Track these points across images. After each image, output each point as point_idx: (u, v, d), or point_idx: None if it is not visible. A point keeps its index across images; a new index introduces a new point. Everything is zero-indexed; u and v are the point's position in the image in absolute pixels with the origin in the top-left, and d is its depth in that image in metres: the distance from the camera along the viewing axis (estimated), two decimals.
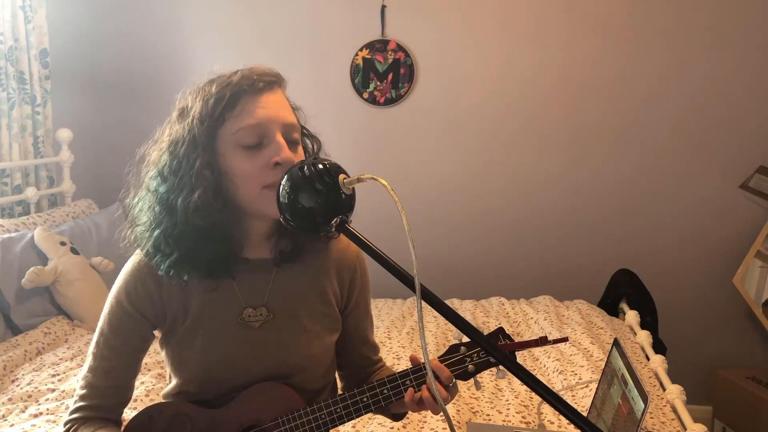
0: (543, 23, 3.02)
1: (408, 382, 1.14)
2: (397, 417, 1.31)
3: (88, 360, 1.16)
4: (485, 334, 1.18)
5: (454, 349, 1.17)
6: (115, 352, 1.14)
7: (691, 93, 2.97)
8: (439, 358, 1.16)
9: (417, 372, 1.14)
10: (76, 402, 1.16)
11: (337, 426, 1.15)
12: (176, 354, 1.17)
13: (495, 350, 0.85)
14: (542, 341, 1.15)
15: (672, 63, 2.96)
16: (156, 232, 1.08)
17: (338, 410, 1.14)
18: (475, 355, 1.15)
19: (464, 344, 1.16)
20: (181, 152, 1.07)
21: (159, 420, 1.14)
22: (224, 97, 1.06)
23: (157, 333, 1.19)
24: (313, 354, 1.19)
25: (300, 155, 1.11)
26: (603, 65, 3.01)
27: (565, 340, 1.18)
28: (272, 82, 1.10)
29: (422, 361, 1.15)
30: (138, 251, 1.15)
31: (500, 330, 1.18)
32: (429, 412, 1.82)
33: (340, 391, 1.31)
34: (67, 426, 1.15)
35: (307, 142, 1.18)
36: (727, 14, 2.89)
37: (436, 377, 1.10)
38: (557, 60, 3.03)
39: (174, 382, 1.19)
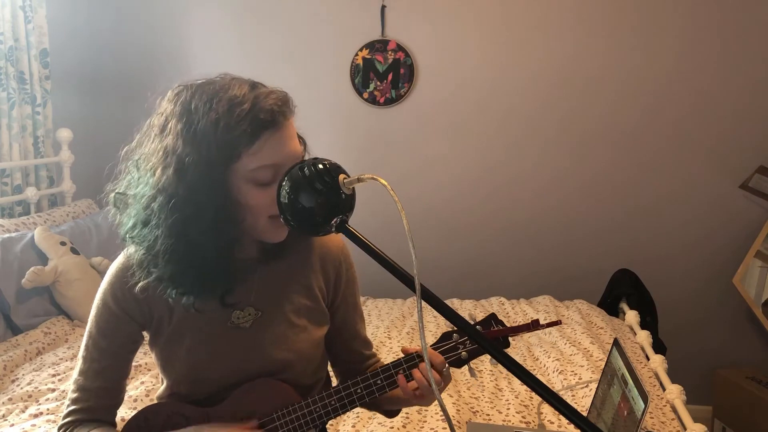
0: (545, 23, 3.02)
1: (401, 371, 1.15)
2: (390, 413, 1.32)
3: (79, 364, 1.16)
4: (478, 320, 1.18)
5: (446, 336, 1.17)
6: (104, 354, 1.14)
7: (691, 93, 2.97)
8: (432, 345, 1.17)
9: (410, 361, 1.15)
10: (68, 406, 1.16)
11: (332, 418, 1.16)
12: (164, 354, 1.17)
13: (492, 348, 0.85)
14: (534, 325, 1.15)
15: (672, 64, 2.96)
16: (152, 251, 1.05)
17: (332, 402, 1.15)
18: (468, 342, 1.15)
19: (456, 331, 1.16)
20: (189, 175, 1.01)
21: (155, 421, 1.15)
22: (244, 133, 1.01)
23: (146, 334, 1.19)
24: (301, 349, 1.18)
25: None
26: (604, 67, 3.00)
27: (557, 323, 1.18)
28: (287, 112, 1.06)
29: (412, 351, 1.16)
30: (124, 252, 1.15)
31: (492, 316, 1.18)
32: (430, 410, 1.84)
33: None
34: (62, 430, 1.15)
35: None
36: (728, 15, 2.89)
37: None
38: (558, 60, 3.03)
39: (165, 383, 1.20)
